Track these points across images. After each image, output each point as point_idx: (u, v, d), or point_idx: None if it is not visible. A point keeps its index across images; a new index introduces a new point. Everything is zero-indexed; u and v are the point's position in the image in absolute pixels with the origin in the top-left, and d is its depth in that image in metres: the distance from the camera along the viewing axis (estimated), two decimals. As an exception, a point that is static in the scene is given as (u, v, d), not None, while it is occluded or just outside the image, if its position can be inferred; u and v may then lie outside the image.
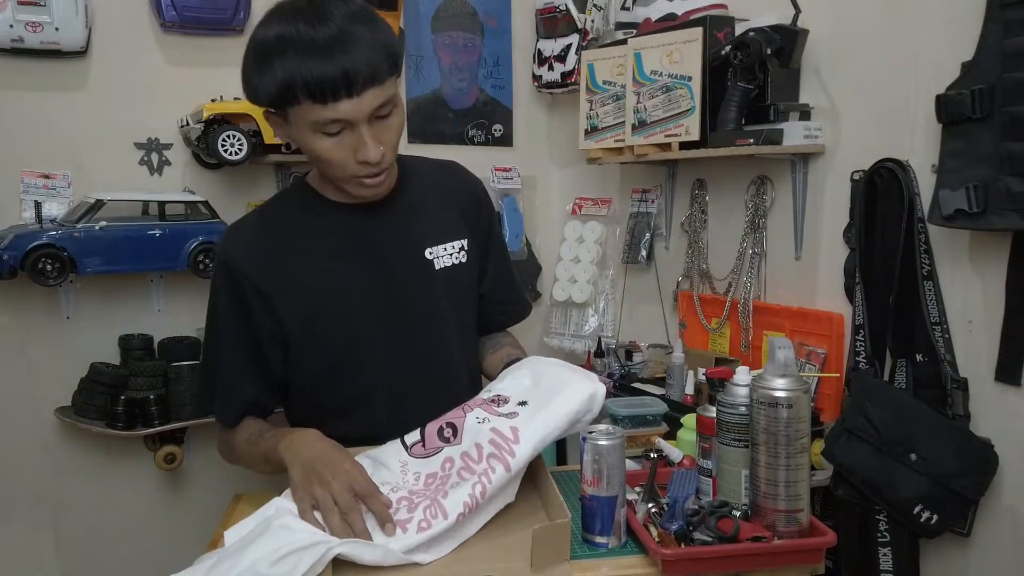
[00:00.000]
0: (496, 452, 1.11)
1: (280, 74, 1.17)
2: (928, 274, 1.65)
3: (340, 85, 1.15)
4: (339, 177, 1.27)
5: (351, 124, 1.20)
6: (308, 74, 1.15)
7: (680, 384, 2.09)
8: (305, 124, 1.20)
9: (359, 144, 1.21)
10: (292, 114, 1.21)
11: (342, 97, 1.16)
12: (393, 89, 1.23)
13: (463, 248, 1.43)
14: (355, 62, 1.16)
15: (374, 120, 1.22)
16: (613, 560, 1.06)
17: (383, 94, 1.20)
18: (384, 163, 1.25)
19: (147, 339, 2.30)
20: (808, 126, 1.90)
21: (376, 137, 1.22)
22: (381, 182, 1.28)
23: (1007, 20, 1.44)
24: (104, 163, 2.28)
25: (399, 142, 1.29)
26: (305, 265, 1.34)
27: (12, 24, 2.06)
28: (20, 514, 2.29)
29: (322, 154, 1.23)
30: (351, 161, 1.23)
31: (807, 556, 1.07)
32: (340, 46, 1.15)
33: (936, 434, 1.55)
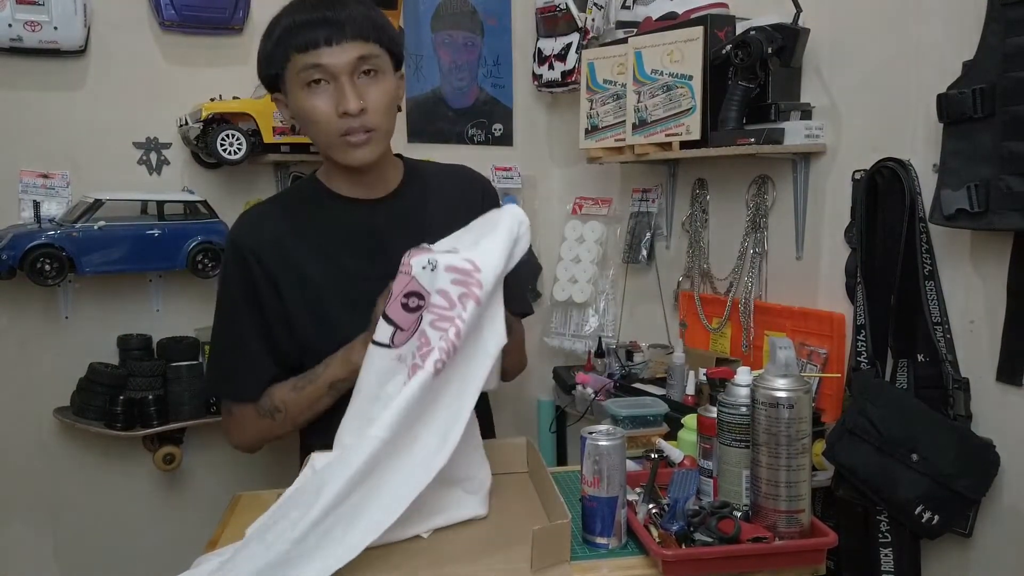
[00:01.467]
0: (465, 290, 1.09)
1: (274, 35, 1.30)
2: (929, 274, 1.64)
3: (321, 32, 1.24)
4: (327, 137, 1.31)
5: (332, 75, 1.26)
6: (293, 24, 1.26)
7: (681, 384, 2.08)
8: (295, 84, 1.28)
9: (339, 96, 1.27)
10: (286, 79, 1.29)
11: (322, 44, 1.25)
12: (386, 64, 1.30)
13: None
14: (337, 15, 1.25)
15: (358, 76, 1.28)
16: (613, 561, 1.05)
17: (366, 50, 1.27)
18: (368, 122, 1.29)
19: (146, 339, 2.30)
20: (809, 125, 1.90)
21: (357, 92, 1.27)
22: (364, 141, 1.31)
23: (1008, 19, 1.44)
24: (103, 162, 2.28)
25: (387, 114, 1.32)
26: (309, 254, 1.37)
27: (11, 23, 2.06)
28: (19, 514, 2.28)
29: (309, 113, 1.28)
30: (334, 116, 1.28)
31: (808, 557, 1.06)
32: (328, 4, 1.27)
33: (937, 434, 1.55)
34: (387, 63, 1.33)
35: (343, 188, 1.41)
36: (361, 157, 1.33)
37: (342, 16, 1.26)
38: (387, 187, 1.44)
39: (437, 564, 1.03)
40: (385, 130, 1.34)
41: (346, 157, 1.33)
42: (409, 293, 1.12)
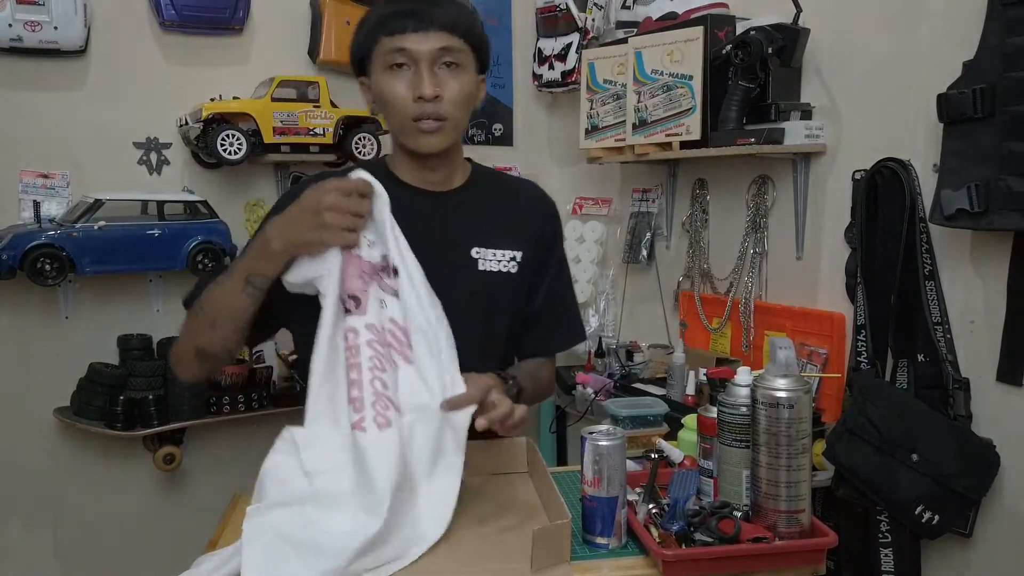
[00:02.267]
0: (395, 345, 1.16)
1: (368, 21, 1.34)
2: (930, 274, 1.64)
3: (412, 17, 1.29)
4: (400, 120, 1.34)
5: (414, 61, 1.30)
6: (385, 11, 1.31)
7: (681, 384, 2.08)
8: (379, 67, 1.32)
9: (417, 81, 1.30)
10: (372, 62, 1.33)
11: (410, 29, 1.29)
12: (469, 60, 1.35)
13: (515, 259, 1.43)
14: (428, 5, 1.30)
15: (438, 66, 1.32)
16: (614, 561, 1.05)
17: (451, 42, 1.31)
18: (441, 110, 1.32)
19: (146, 339, 2.30)
20: (809, 125, 1.90)
21: (436, 80, 1.31)
22: (434, 129, 1.33)
23: (1008, 19, 1.44)
24: (103, 162, 2.28)
25: (462, 106, 1.35)
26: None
27: (11, 23, 2.06)
28: (19, 514, 2.28)
29: (387, 95, 1.32)
30: (409, 100, 1.31)
31: (808, 557, 1.06)
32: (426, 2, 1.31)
33: (937, 434, 1.55)
34: (469, 60, 1.36)
35: (408, 176, 1.42)
36: (429, 144, 1.35)
37: (432, 7, 1.31)
38: (451, 183, 1.44)
39: (437, 564, 1.03)
40: (456, 122, 1.36)
41: (415, 143, 1.35)
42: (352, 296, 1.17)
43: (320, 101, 2.31)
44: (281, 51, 2.45)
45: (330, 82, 2.37)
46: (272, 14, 2.44)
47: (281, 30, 2.46)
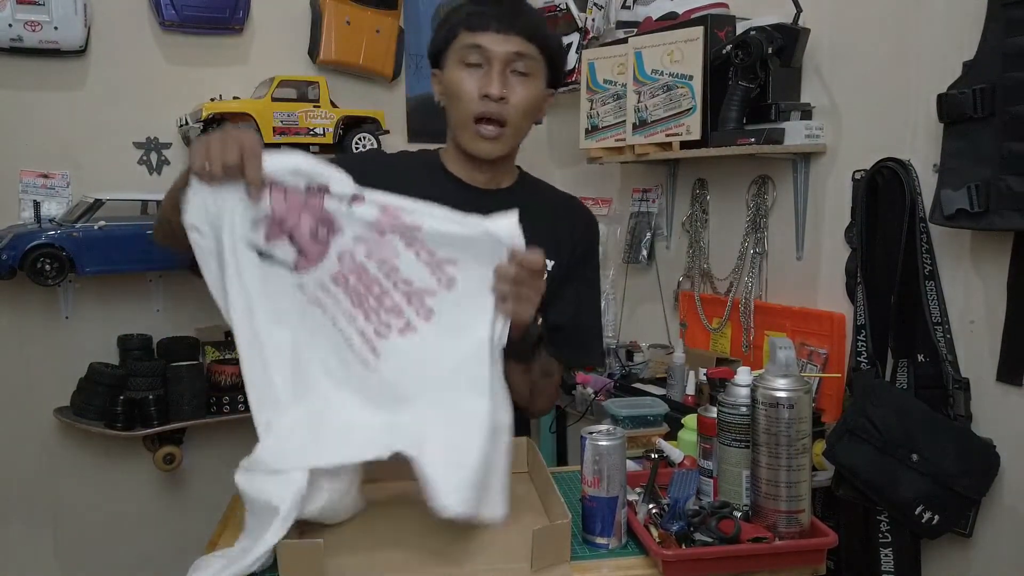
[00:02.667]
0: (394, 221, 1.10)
1: (452, 16, 1.38)
2: (930, 274, 1.64)
3: (494, 18, 1.32)
4: (462, 116, 1.36)
5: (488, 60, 1.33)
6: (472, 10, 1.35)
7: (681, 384, 2.08)
8: (454, 60, 1.36)
9: (487, 80, 1.33)
10: (448, 54, 1.36)
11: (491, 29, 1.32)
12: (540, 71, 1.37)
13: (547, 268, 1.42)
14: (512, 10, 1.34)
15: (509, 71, 1.34)
16: (613, 561, 1.05)
17: (527, 49, 1.34)
18: (504, 113, 1.34)
19: (146, 339, 2.30)
20: (809, 125, 1.89)
21: (505, 82, 1.33)
22: (494, 135, 1.36)
23: (1008, 19, 1.44)
24: (103, 162, 2.28)
25: (526, 116, 1.38)
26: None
27: (11, 23, 2.06)
28: (19, 514, 2.28)
29: (456, 88, 1.35)
30: (474, 95, 1.33)
31: (808, 557, 1.06)
32: (511, 7, 1.35)
33: (937, 435, 1.55)
34: (541, 72, 1.38)
35: (456, 169, 1.45)
36: (485, 150, 1.38)
37: (515, 12, 1.34)
38: (497, 184, 1.47)
39: (437, 564, 1.03)
40: (516, 130, 1.39)
41: (471, 144, 1.38)
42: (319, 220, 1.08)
43: (320, 101, 2.31)
44: (281, 51, 2.45)
45: (330, 82, 2.38)
46: (272, 14, 2.44)
47: (281, 30, 2.46)
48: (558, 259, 1.45)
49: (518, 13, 1.35)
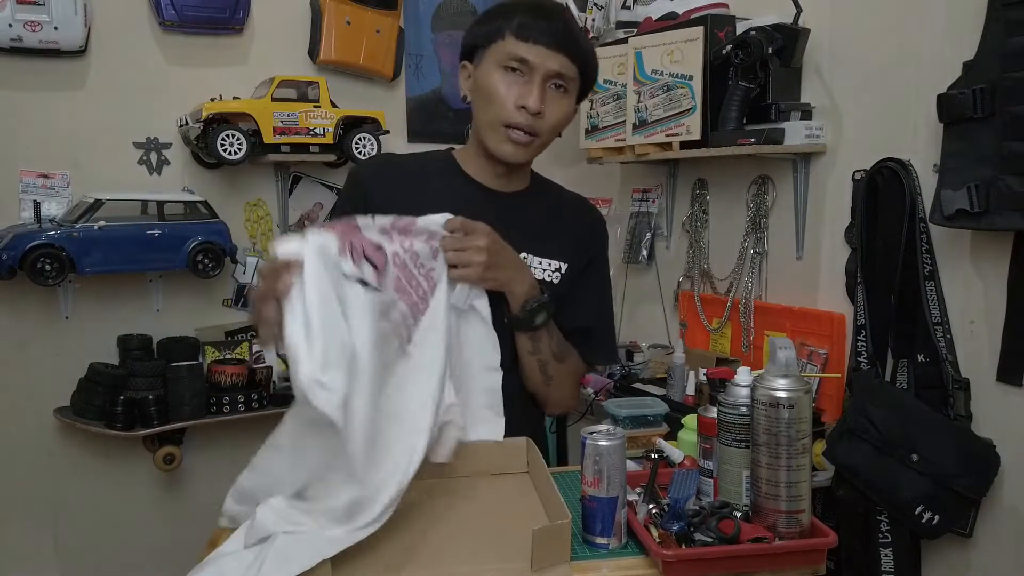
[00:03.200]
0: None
1: (502, 15, 1.35)
2: (930, 274, 1.64)
3: (545, 33, 1.32)
4: (493, 120, 1.36)
5: (530, 72, 1.33)
6: (523, 19, 1.33)
7: (681, 384, 2.08)
8: (495, 60, 1.35)
9: (527, 91, 1.33)
10: (487, 53, 1.36)
11: (541, 43, 1.31)
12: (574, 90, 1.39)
13: (559, 271, 1.44)
14: (568, 32, 1.34)
15: (549, 85, 1.35)
16: (613, 561, 1.05)
17: (569, 71, 1.34)
18: (536, 126, 1.35)
19: (146, 339, 2.30)
20: (809, 125, 1.90)
21: (543, 96, 1.34)
22: (522, 143, 1.36)
23: (1008, 20, 1.44)
24: (103, 162, 2.28)
25: (555, 131, 1.39)
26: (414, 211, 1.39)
27: (11, 23, 2.06)
28: (19, 514, 2.28)
29: (493, 89, 1.34)
30: (511, 104, 1.33)
31: (808, 557, 1.06)
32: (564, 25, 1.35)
33: (937, 435, 1.55)
34: (575, 89, 1.40)
35: (472, 170, 1.45)
36: (511, 154, 1.38)
37: (566, 31, 1.34)
38: (512, 186, 1.47)
39: (437, 564, 1.03)
40: (544, 142, 1.40)
41: (497, 146, 1.38)
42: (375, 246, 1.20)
43: (320, 101, 2.31)
44: (281, 51, 2.45)
45: (330, 82, 2.38)
46: (272, 14, 2.44)
47: (281, 30, 2.46)
48: (571, 260, 1.46)
49: (568, 32, 1.34)
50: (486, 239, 1.27)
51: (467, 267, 1.26)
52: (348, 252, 1.16)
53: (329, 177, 2.59)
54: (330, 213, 1.53)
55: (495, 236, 1.30)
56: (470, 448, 1.28)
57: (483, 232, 1.28)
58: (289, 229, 2.54)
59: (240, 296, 2.49)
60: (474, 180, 1.45)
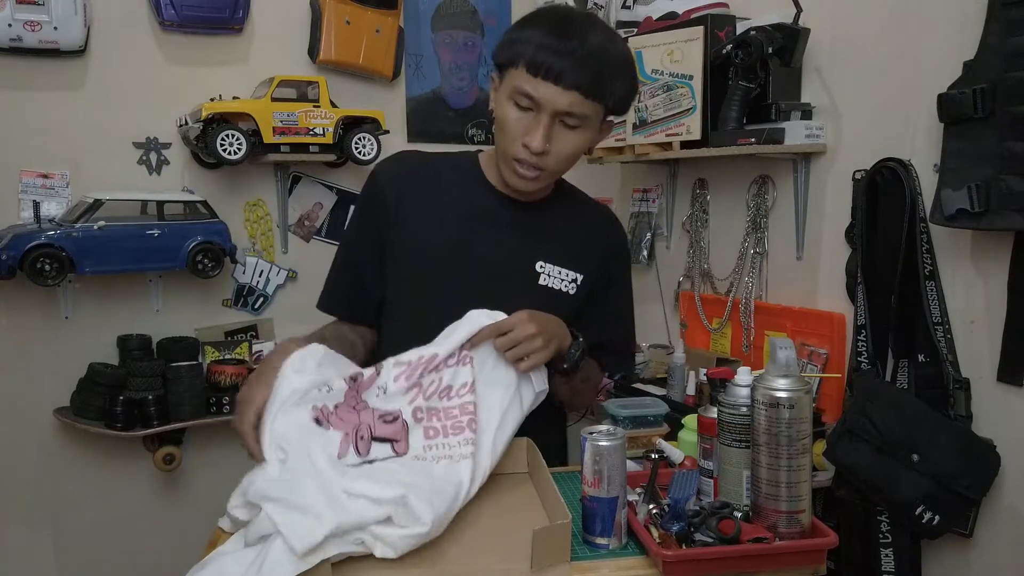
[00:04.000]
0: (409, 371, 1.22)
1: (521, 34, 1.29)
2: (930, 274, 1.64)
3: (555, 71, 1.24)
4: (503, 151, 1.34)
5: (538, 108, 1.27)
6: (538, 45, 1.25)
7: (681, 385, 2.08)
8: (507, 88, 1.30)
9: (533, 128, 1.28)
10: (505, 77, 1.31)
11: (548, 80, 1.25)
12: (594, 120, 1.31)
13: (575, 281, 1.44)
14: (580, 65, 1.24)
15: (558, 122, 1.29)
16: (614, 561, 1.05)
17: (582, 108, 1.27)
18: (542, 163, 1.31)
19: (146, 339, 2.30)
20: (810, 125, 1.89)
21: (549, 135, 1.29)
22: (530, 178, 1.34)
23: (1009, 19, 1.44)
24: (103, 162, 2.28)
25: (568, 162, 1.35)
26: (432, 215, 1.42)
27: (11, 23, 2.06)
28: (19, 514, 2.28)
29: (502, 121, 1.32)
30: (518, 140, 1.30)
31: (809, 557, 1.06)
32: (582, 50, 1.24)
33: (938, 435, 1.55)
34: (595, 120, 1.32)
35: (495, 179, 1.44)
36: (520, 186, 1.37)
37: (581, 66, 1.25)
38: (534, 196, 1.45)
39: (437, 564, 1.03)
40: (555, 172, 1.37)
41: (509, 178, 1.37)
42: (382, 415, 1.18)
43: (320, 101, 2.31)
44: (281, 51, 2.45)
45: (330, 82, 2.38)
46: (272, 14, 2.44)
47: (281, 30, 2.46)
48: (588, 271, 1.45)
49: (583, 66, 1.24)
50: (533, 323, 1.26)
51: (536, 353, 1.25)
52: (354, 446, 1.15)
53: (329, 177, 2.59)
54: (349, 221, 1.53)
55: (535, 313, 1.28)
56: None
57: (526, 319, 1.26)
58: (289, 229, 2.54)
59: (240, 296, 2.49)
60: (494, 187, 1.44)
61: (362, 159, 2.35)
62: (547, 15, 1.32)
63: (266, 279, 2.51)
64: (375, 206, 1.44)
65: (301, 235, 2.57)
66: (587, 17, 1.35)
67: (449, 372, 1.23)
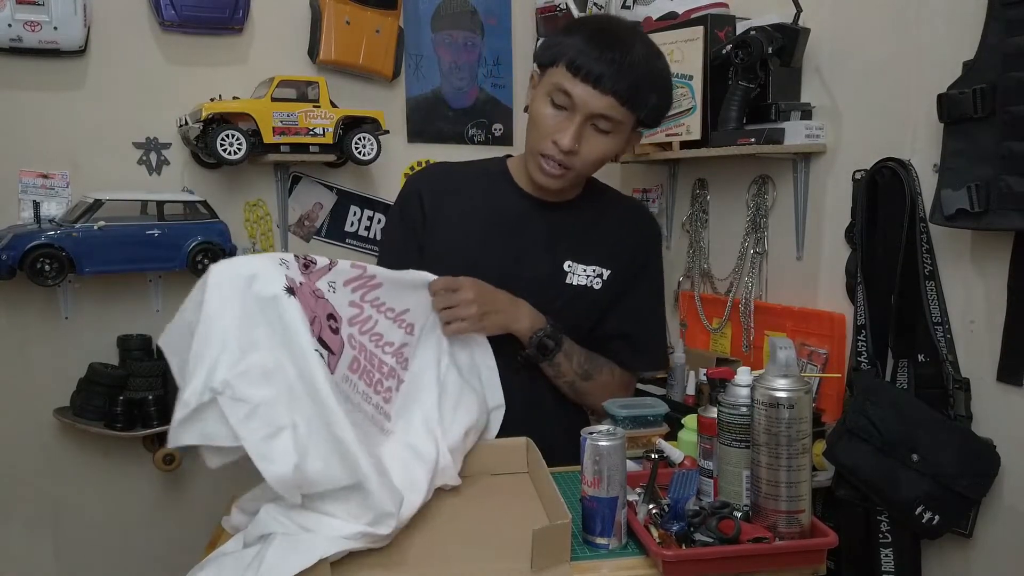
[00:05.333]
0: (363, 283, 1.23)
1: (567, 39, 1.32)
2: (930, 274, 1.64)
3: (594, 73, 1.27)
4: (532, 146, 1.37)
5: (573, 108, 1.30)
6: (581, 49, 1.28)
7: (681, 384, 2.08)
8: (545, 85, 1.34)
9: (564, 128, 1.31)
10: (545, 75, 1.34)
11: (587, 82, 1.28)
12: (625, 128, 1.34)
13: (600, 276, 1.46)
14: (618, 67, 1.27)
15: (590, 124, 1.32)
16: (614, 561, 1.05)
17: (615, 113, 1.30)
18: (568, 162, 1.34)
19: (146, 339, 2.30)
20: (809, 125, 1.89)
21: (580, 136, 1.31)
22: (555, 176, 1.36)
23: (1009, 19, 1.44)
24: (103, 163, 2.28)
25: (594, 165, 1.37)
26: (463, 221, 1.45)
27: (11, 23, 2.05)
28: (19, 514, 2.28)
29: (536, 116, 1.35)
30: (548, 137, 1.33)
31: (809, 557, 1.06)
32: (624, 60, 1.28)
33: (938, 434, 1.55)
34: (626, 127, 1.35)
35: (523, 183, 1.47)
36: (545, 183, 1.39)
37: (619, 69, 1.27)
38: (563, 196, 1.48)
39: (436, 564, 1.03)
40: (580, 174, 1.39)
41: (534, 173, 1.39)
42: (329, 315, 1.16)
43: (320, 101, 2.31)
44: (281, 51, 2.45)
45: (330, 82, 2.37)
46: (272, 14, 2.44)
47: (281, 30, 2.46)
48: (616, 267, 1.46)
49: (623, 74, 1.27)
50: (472, 290, 1.31)
51: (462, 320, 1.31)
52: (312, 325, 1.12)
53: (329, 177, 2.59)
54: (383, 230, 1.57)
55: (481, 284, 1.33)
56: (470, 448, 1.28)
57: (468, 285, 1.31)
58: (289, 229, 2.54)
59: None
60: (522, 190, 1.46)
61: (362, 159, 2.35)
62: (594, 22, 1.39)
63: (266, 279, 2.51)
64: (411, 213, 1.47)
65: (301, 235, 2.57)
66: (632, 29, 1.38)
67: (386, 323, 1.24)
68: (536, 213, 1.45)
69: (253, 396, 1.01)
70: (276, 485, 1.00)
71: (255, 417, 1.01)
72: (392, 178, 2.62)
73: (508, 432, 1.37)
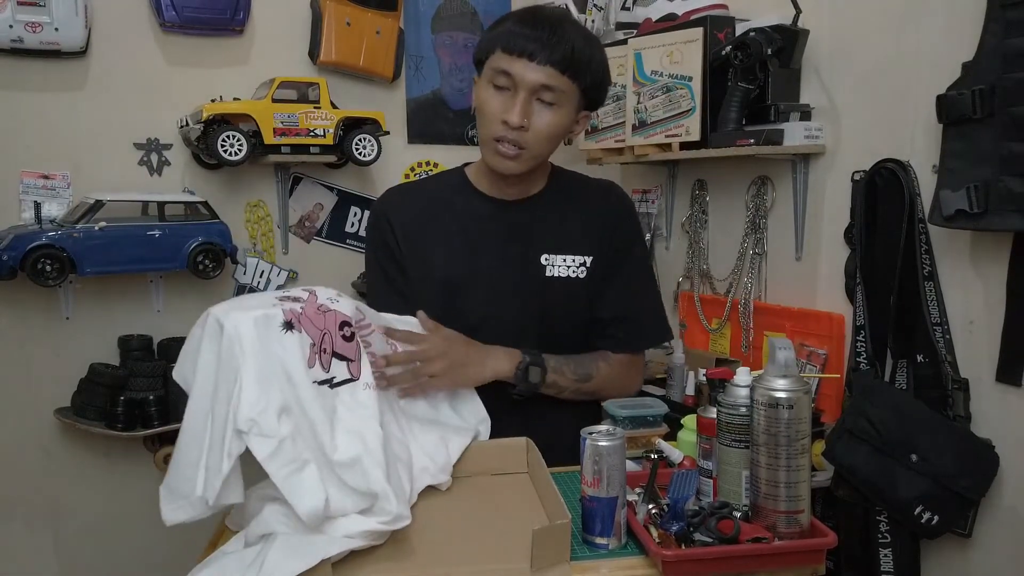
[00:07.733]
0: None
1: (498, 27, 1.37)
2: (929, 274, 1.64)
3: (530, 45, 1.30)
4: (484, 135, 1.38)
5: (515, 86, 1.32)
6: (512, 29, 1.33)
7: (681, 385, 2.09)
8: (486, 75, 1.36)
9: (510, 106, 1.33)
10: (484, 68, 1.37)
11: (524, 57, 1.30)
12: (570, 100, 1.35)
13: (583, 265, 1.45)
14: (550, 39, 1.30)
15: (536, 100, 1.33)
16: (613, 561, 1.05)
17: (557, 82, 1.32)
18: (522, 140, 1.34)
19: (146, 340, 2.30)
20: (809, 126, 1.90)
21: (527, 112, 1.33)
22: (511, 158, 1.36)
23: (1008, 20, 1.44)
24: (104, 163, 2.28)
25: (547, 141, 1.38)
26: (436, 235, 1.45)
27: (12, 24, 2.06)
28: (20, 514, 2.28)
29: (482, 103, 1.36)
30: (497, 119, 1.34)
31: (808, 557, 1.06)
32: (552, 30, 1.31)
33: (937, 435, 1.55)
34: (571, 100, 1.36)
35: (485, 187, 1.47)
36: (504, 167, 1.38)
37: (552, 41, 1.30)
38: (528, 191, 1.48)
39: (436, 564, 1.03)
40: (536, 153, 1.39)
41: (492, 161, 1.39)
42: (342, 323, 1.16)
43: (320, 102, 2.31)
44: (281, 52, 2.46)
45: (330, 83, 2.38)
46: (272, 15, 2.45)
47: (281, 31, 2.46)
48: (597, 251, 1.45)
49: (557, 43, 1.30)
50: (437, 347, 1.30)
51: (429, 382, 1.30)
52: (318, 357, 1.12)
53: (329, 178, 2.59)
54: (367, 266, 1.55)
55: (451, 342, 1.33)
56: (470, 448, 1.28)
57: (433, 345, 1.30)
58: (290, 230, 2.54)
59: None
60: (485, 194, 1.46)
61: (362, 160, 2.36)
62: (521, 11, 1.39)
63: (267, 280, 2.52)
64: (385, 239, 1.47)
65: (302, 236, 2.58)
66: (562, 11, 1.43)
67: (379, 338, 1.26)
68: (502, 214, 1.45)
69: (278, 431, 1.03)
70: (308, 520, 1.00)
71: (281, 453, 1.02)
72: (392, 179, 2.62)
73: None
